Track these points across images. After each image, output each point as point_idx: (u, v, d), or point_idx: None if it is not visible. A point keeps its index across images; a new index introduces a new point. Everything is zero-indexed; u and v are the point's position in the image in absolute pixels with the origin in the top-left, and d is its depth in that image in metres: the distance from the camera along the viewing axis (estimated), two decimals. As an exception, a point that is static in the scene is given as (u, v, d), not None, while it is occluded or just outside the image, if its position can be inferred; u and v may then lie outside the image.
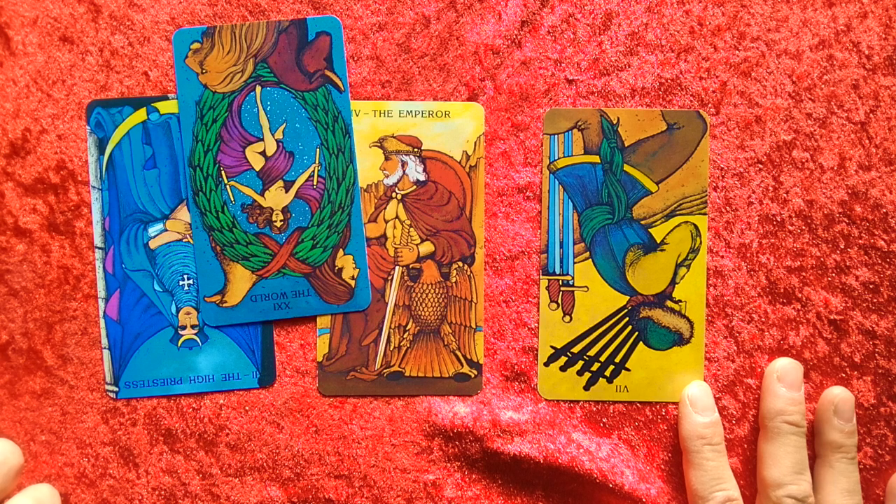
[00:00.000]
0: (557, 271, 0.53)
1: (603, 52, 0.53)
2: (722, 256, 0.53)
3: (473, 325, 0.53)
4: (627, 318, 0.53)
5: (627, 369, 0.52)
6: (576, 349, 0.53)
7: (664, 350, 0.52)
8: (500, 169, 0.53)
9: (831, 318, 0.52)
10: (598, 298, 0.53)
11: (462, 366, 0.53)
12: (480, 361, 0.53)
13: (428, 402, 0.53)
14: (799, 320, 0.52)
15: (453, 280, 0.53)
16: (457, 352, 0.53)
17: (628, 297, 0.53)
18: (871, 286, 0.52)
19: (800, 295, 0.52)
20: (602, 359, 0.52)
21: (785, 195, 0.52)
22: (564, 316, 0.53)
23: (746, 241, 0.53)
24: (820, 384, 0.52)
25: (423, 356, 0.53)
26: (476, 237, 0.53)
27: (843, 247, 0.52)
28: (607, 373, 0.52)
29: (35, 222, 0.52)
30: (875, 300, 0.52)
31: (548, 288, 0.52)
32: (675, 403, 0.52)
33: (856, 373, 0.52)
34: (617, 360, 0.52)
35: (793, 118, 0.53)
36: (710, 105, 0.53)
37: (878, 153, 0.52)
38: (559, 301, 0.53)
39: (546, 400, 0.53)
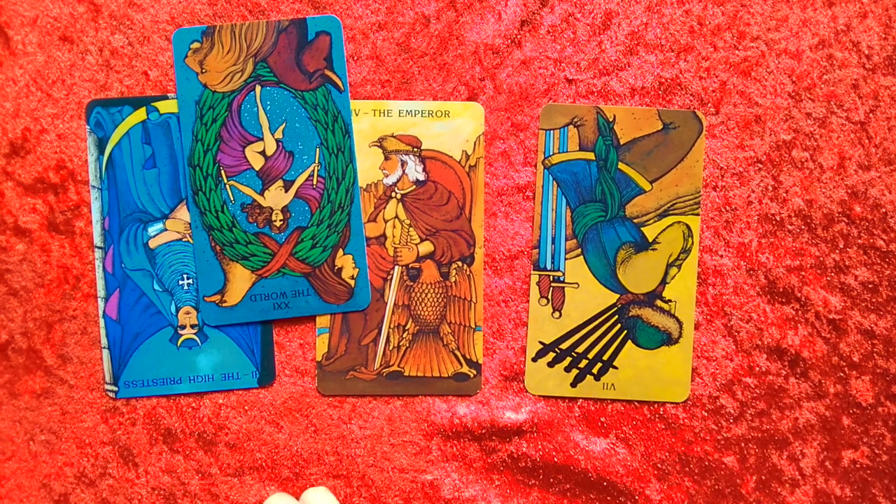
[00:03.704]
0: (549, 267, 0.53)
1: (603, 51, 0.53)
2: (721, 256, 0.53)
3: (473, 325, 0.53)
4: (617, 317, 0.53)
5: (615, 367, 0.53)
6: (564, 345, 0.53)
7: (652, 349, 0.53)
8: (500, 168, 0.53)
9: (830, 317, 0.52)
10: (588, 295, 0.53)
11: (461, 365, 0.53)
12: (480, 361, 0.53)
13: (427, 402, 0.53)
14: (798, 319, 0.52)
15: (453, 280, 0.53)
16: (456, 351, 0.53)
17: (618, 296, 0.53)
18: (870, 286, 0.52)
19: (799, 294, 0.52)
20: (590, 356, 0.53)
21: (784, 195, 0.52)
22: (554, 312, 0.53)
23: (746, 241, 0.53)
24: (818, 383, 0.52)
25: (423, 356, 0.53)
26: (475, 237, 0.53)
27: (842, 246, 0.52)
28: (595, 370, 0.52)
29: (35, 222, 0.52)
30: (874, 300, 0.52)
31: (538, 283, 0.53)
32: (671, 403, 0.52)
33: (854, 372, 0.52)
34: (605, 357, 0.53)
35: (792, 118, 0.52)
36: (709, 105, 0.53)
37: (877, 153, 0.52)
38: (549, 297, 0.53)
39: (536, 396, 0.53)
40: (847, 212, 0.52)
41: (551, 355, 0.53)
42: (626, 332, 0.53)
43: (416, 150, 0.53)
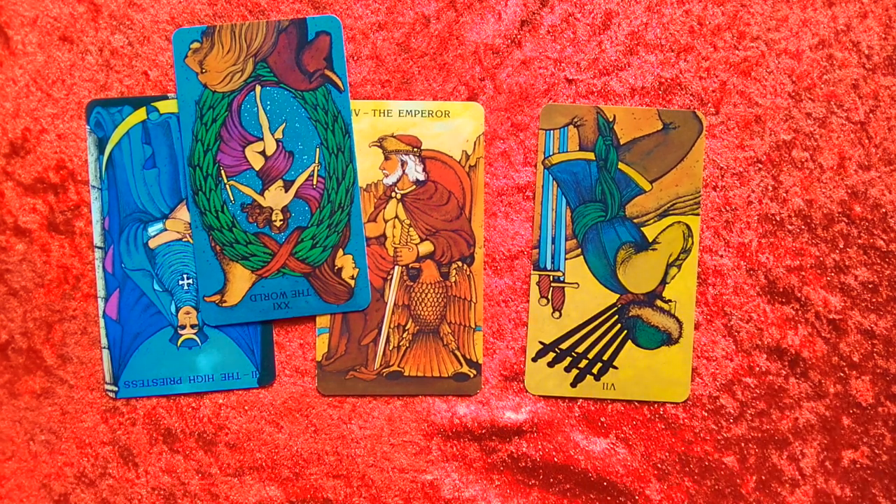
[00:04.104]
0: (549, 267, 0.53)
1: (603, 51, 0.53)
2: (721, 256, 0.53)
3: (473, 325, 0.53)
4: (617, 317, 0.53)
5: (615, 367, 0.53)
6: (564, 345, 0.53)
7: (652, 349, 0.53)
8: (500, 168, 0.53)
9: (830, 317, 0.52)
10: (588, 295, 0.53)
11: (461, 365, 0.53)
12: (480, 361, 0.53)
13: (427, 402, 0.53)
14: (798, 320, 0.52)
15: (453, 280, 0.53)
16: (456, 351, 0.53)
17: (618, 296, 0.53)
18: (870, 286, 0.52)
19: (799, 294, 0.52)
20: (590, 356, 0.53)
21: (784, 195, 0.52)
22: (554, 312, 0.53)
23: (746, 241, 0.53)
24: (818, 383, 0.52)
25: (423, 356, 0.53)
26: (475, 237, 0.53)
27: (842, 246, 0.52)
28: (595, 370, 0.53)
29: (35, 222, 0.52)
30: (874, 300, 0.52)
31: (538, 283, 0.53)
32: (671, 403, 0.52)
33: (854, 372, 0.52)
34: (605, 357, 0.53)
35: (792, 118, 0.53)
36: (709, 105, 0.53)
37: (877, 153, 0.52)
38: (549, 297, 0.53)
39: (537, 396, 0.53)
40: (847, 212, 0.52)
41: (551, 355, 0.53)
42: (626, 332, 0.53)
43: (416, 150, 0.53)
